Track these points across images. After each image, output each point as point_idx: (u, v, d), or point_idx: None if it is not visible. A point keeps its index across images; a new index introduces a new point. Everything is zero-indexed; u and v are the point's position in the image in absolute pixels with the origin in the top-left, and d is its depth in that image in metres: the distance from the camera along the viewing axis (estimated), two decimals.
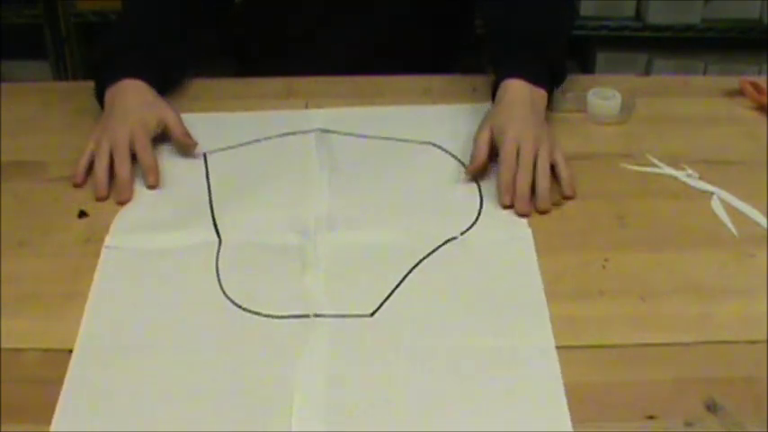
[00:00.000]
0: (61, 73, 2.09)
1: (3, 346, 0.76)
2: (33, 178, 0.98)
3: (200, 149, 1.01)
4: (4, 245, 0.87)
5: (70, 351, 0.75)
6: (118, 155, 0.96)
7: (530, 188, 0.91)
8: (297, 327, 0.78)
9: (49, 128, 1.07)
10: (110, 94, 1.02)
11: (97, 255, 0.86)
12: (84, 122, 1.04)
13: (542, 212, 0.91)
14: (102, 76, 1.04)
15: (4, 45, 2.05)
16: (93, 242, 0.88)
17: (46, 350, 0.76)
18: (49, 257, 0.86)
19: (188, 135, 1.00)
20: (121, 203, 0.94)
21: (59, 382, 0.72)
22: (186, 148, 1.00)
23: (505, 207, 0.91)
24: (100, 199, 0.94)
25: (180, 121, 1.01)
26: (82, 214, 0.92)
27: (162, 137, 1.01)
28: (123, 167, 0.95)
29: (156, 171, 0.96)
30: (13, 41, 2.08)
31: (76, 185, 0.96)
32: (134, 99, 1.01)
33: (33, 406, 0.71)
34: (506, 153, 0.93)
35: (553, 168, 0.94)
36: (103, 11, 2.02)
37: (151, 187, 0.95)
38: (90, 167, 0.97)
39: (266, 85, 1.14)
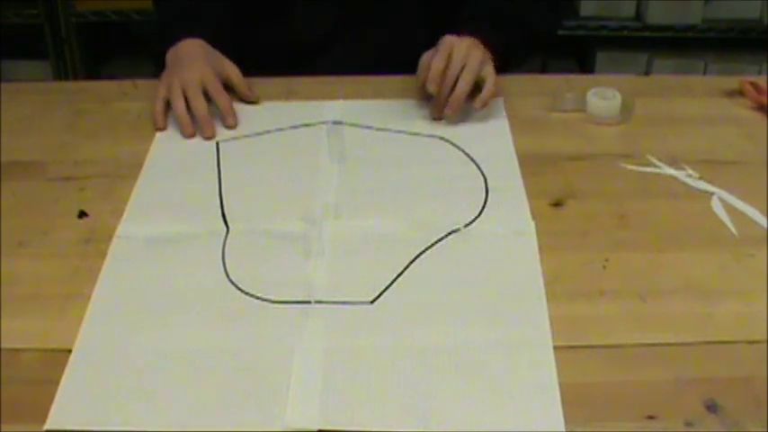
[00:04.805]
0: (61, 73, 2.10)
1: (2, 346, 0.76)
2: (33, 178, 0.98)
3: (216, 135, 1.04)
4: (4, 245, 0.87)
5: (70, 351, 0.75)
6: (192, 93, 1.03)
7: (452, 86, 1.02)
8: (297, 312, 0.78)
9: (49, 128, 1.07)
10: (172, 52, 1.10)
11: (97, 255, 0.86)
12: (84, 122, 1.04)
13: (442, 117, 1.03)
14: (165, 38, 1.12)
15: (4, 45, 2.06)
16: (93, 242, 0.88)
17: (46, 350, 0.76)
18: (49, 257, 0.86)
19: (250, 89, 1.10)
20: (207, 138, 1.02)
21: (59, 382, 0.72)
22: (247, 98, 1.10)
23: (429, 94, 1.04)
24: (188, 136, 1.03)
25: (240, 74, 1.10)
26: (82, 214, 0.92)
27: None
28: (200, 104, 1.03)
29: (233, 112, 1.05)
30: (13, 41, 2.09)
31: (159, 130, 1.04)
32: (198, 52, 1.09)
33: (33, 406, 0.70)
34: (442, 47, 1.02)
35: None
36: (103, 11, 2.03)
37: (230, 127, 1.04)
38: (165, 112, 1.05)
39: (266, 85, 1.14)
